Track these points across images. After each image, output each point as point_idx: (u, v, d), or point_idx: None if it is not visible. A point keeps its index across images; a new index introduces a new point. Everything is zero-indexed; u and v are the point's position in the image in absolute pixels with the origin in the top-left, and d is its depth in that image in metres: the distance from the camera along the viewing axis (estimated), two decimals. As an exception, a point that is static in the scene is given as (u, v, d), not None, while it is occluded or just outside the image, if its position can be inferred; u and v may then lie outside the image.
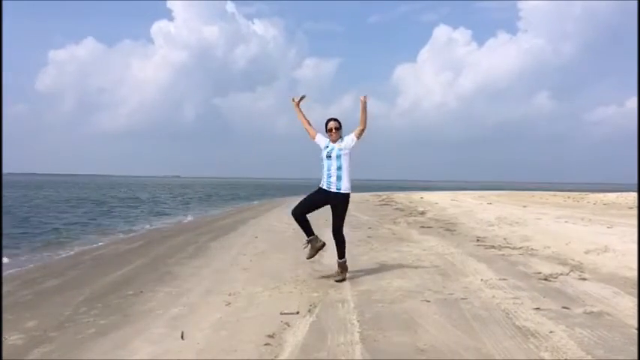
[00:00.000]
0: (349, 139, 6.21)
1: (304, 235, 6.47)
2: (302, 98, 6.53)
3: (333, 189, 6.16)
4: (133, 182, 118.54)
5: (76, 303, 5.71)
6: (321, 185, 6.27)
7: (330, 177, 6.16)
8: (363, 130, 6.21)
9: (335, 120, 6.29)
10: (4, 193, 37.06)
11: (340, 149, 6.16)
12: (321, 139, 6.34)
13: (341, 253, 6.32)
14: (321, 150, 6.29)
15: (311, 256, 6.55)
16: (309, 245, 6.47)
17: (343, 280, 6.20)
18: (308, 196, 6.39)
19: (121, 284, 6.67)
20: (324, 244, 6.48)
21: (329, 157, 6.16)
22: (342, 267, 6.33)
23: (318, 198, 6.29)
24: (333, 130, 6.22)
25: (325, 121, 6.33)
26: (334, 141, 6.23)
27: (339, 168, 6.14)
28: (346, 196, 6.23)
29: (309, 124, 6.49)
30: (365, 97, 6.19)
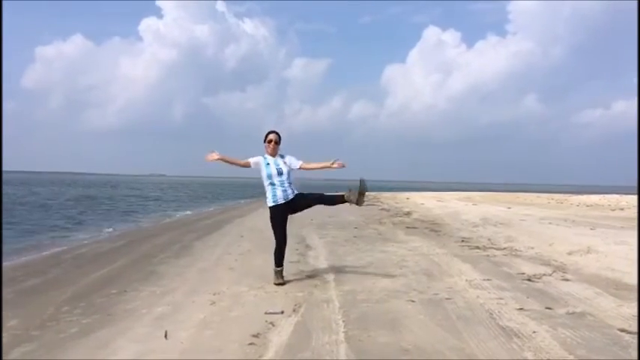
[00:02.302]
0: (294, 162, 6.21)
1: (274, 263, 6.23)
2: (215, 157, 6.07)
3: (291, 196, 6.16)
4: (118, 181, 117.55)
5: (59, 302, 5.64)
6: (275, 203, 6.13)
7: (286, 190, 6.12)
8: (306, 169, 6.23)
9: (276, 133, 6.26)
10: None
11: (289, 166, 6.16)
12: (258, 160, 6.16)
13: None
14: (259, 169, 6.14)
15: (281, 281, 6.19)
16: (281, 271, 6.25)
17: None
18: (277, 226, 6.20)
19: (105, 283, 6.60)
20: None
21: (281, 173, 6.10)
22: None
23: (285, 217, 6.21)
24: (273, 143, 6.19)
25: (266, 133, 6.26)
26: (273, 154, 6.19)
27: (290, 183, 6.17)
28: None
29: (238, 160, 6.22)
30: (339, 164, 6.13)
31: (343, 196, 6.17)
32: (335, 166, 6.12)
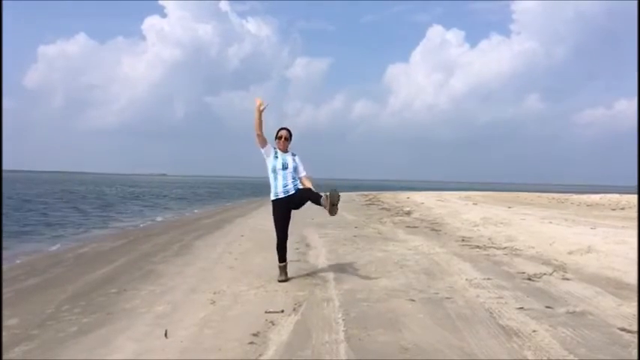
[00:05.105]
0: (301, 168, 6.23)
1: (277, 260, 6.34)
2: (264, 106, 6.05)
3: (292, 191, 6.15)
4: (120, 181, 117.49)
5: (59, 301, 5.64)
6: (276, 197, 6.16)
7: (287, 185, 6.12)
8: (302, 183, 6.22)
9: (287, 129, 6.28)
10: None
11: (295, 163, 6.18)
12: (270, 149, 6.18)
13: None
14: (266, 158, 6.16)
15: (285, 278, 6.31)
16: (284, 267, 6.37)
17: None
18: (278, 220, 6.23)
19: (105, 282, 6.60)
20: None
21: (285, 168, 6.12)
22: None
23: (286, 211, 6.21)
24: (283, 139, 6.21)
25: (277, 130, 6.28)
26: (283, 150, 6.22)
27: (294, 178, 6.18)
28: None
29: (261, 127, 6.10)
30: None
31: (321, 198, 6.05)
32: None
